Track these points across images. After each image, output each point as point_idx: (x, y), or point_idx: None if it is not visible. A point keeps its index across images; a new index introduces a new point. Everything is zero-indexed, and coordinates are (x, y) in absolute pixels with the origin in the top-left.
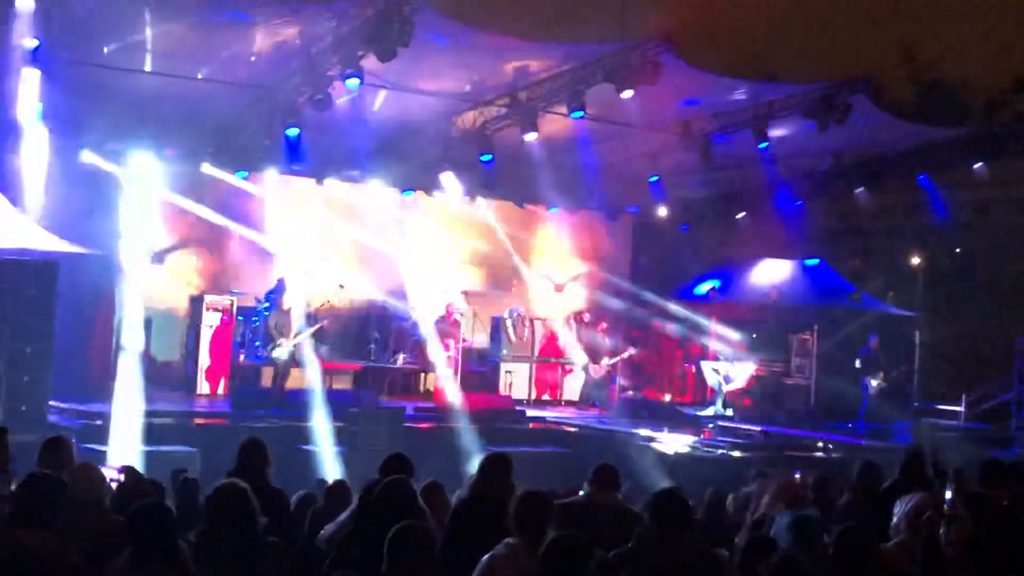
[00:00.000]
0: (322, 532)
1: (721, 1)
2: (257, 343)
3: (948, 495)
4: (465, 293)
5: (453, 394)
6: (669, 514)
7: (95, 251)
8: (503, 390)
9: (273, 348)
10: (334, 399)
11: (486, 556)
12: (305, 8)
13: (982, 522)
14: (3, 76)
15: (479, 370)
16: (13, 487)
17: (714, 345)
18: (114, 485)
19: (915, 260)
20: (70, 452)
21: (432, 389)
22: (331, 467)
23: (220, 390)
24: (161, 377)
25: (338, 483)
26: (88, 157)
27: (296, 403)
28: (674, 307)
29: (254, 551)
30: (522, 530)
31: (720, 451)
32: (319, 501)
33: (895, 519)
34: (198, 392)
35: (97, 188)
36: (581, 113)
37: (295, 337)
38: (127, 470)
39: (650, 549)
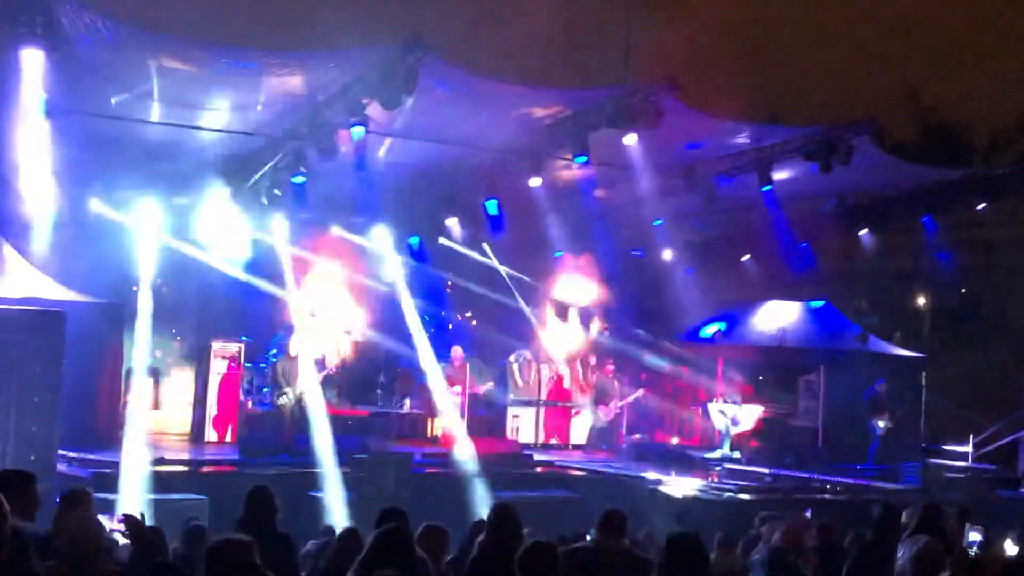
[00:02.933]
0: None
1: (723, 45)
2: (265, 389)
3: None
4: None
5: (460, 439)
6: (686, 559)
7: (102, 300)
8: (510, 434)
9: (280, 395)
10: (341, 445)
11: None
12: (311, 57)
13: None
14: (11, 127)
15: (486, 414)
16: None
17: (721, 388)
18: (116, 534)
19: (921, 301)
20: (90, 503)
21: (439, 434)
22: (339, 513)
23: (228, 437)
24: (169, 425)
25: (349, 531)
26: (96, 206)
27: (304, 449)
28: (680, 350)
29: None
30: None
31: (728, 494)
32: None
33: (900, 562)
34: (206, 439)
35: (105, 237)
36: (585, 158)
37: (302, 384)
38: (127, 519)
39: None
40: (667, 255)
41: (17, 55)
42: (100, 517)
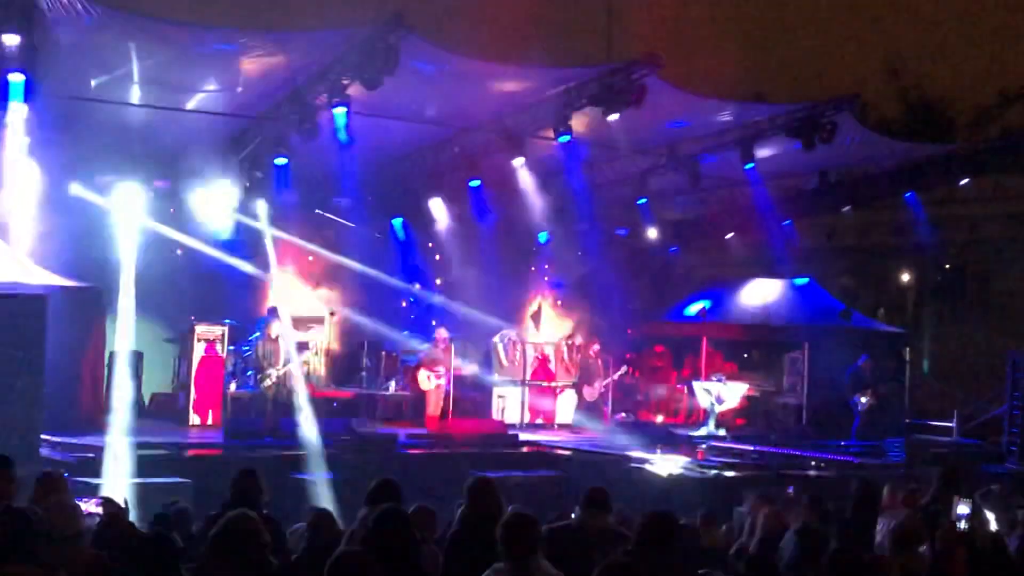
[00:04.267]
0: None
1: (705, 23)
2: (249, 372)
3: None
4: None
5: (445, 420)
6: (654, 537)
7: (85, 284)
8: (495, 415)
9: (263, 378)
10: (326, 427)
11: None
12: (291, 39)
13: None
14: None
15: (471, 395)
16: None
17: (705, 366)
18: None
19: (905, 277)
20: (64, 487)
21: (424, 416)
22: (324, 496)
23: (212, 420)
24: (153, 408)
25: (322, 512)
26: (77, 190)
27: (288, 432)
28: (665, 328)
29: None
30: (509, 554)
31: (713, 471)
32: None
33: (879, 537)
34: (190, 423)
35: (86, 221)
36: (568, 137)
37: (284, 366)
38: (106, 502)
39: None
40: (651, 234)
41: None
42: (79, 502)
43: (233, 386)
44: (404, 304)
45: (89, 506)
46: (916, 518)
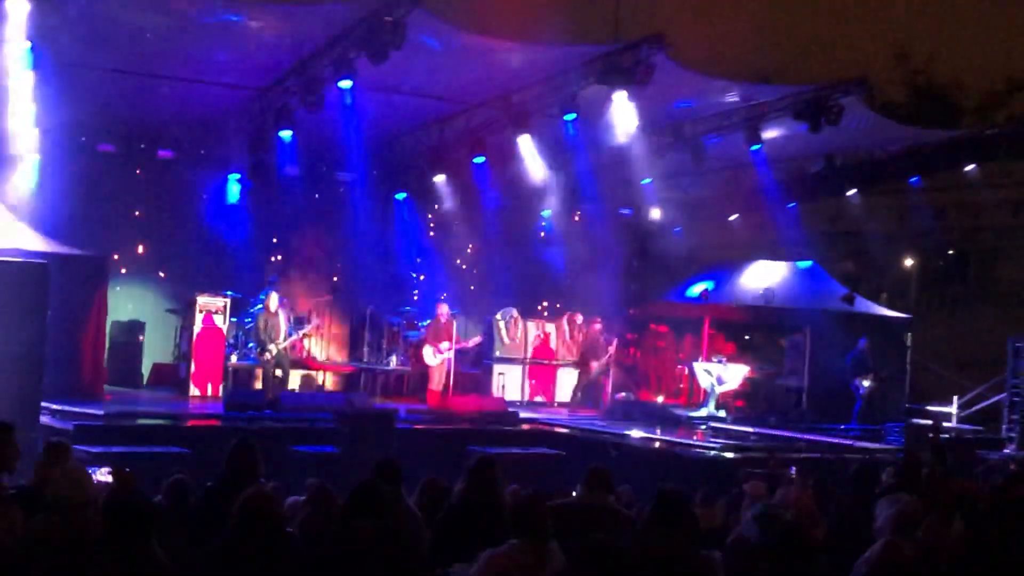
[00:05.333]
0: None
1: (713, 3)
2: (251, 344)
3: None
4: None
5: (446, 396)
6: (670, 512)
7: (87, 252)
8: (496, 392)
9: (263, 351)
10: (326, 401)
11: (486, 552)
12: (297, 11)
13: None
14: None
15: (472, 372)
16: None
17: (706, 347)
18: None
19: (908, 262)
20: (69, 455)
21: (425, 391)
22: (322, 469)
23: (212, 392)
24: (153, 378)
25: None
26: (81, 159)
27: (288, 405)
28: (667, 309)
29: (282, 559)
30: (521, 533)
31: (712, 452)
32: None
33: (878, 521)
34: (191, 394)
35: (90, 190)
36: (574, 115)
37: (285, 340)
38: (116, 471)
39: (647, 544)
40: (655, 214)
41: (1, 5)
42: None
43: (234, 358)
44: (407, 279)
45: (99, 475)
46: (916, 502)
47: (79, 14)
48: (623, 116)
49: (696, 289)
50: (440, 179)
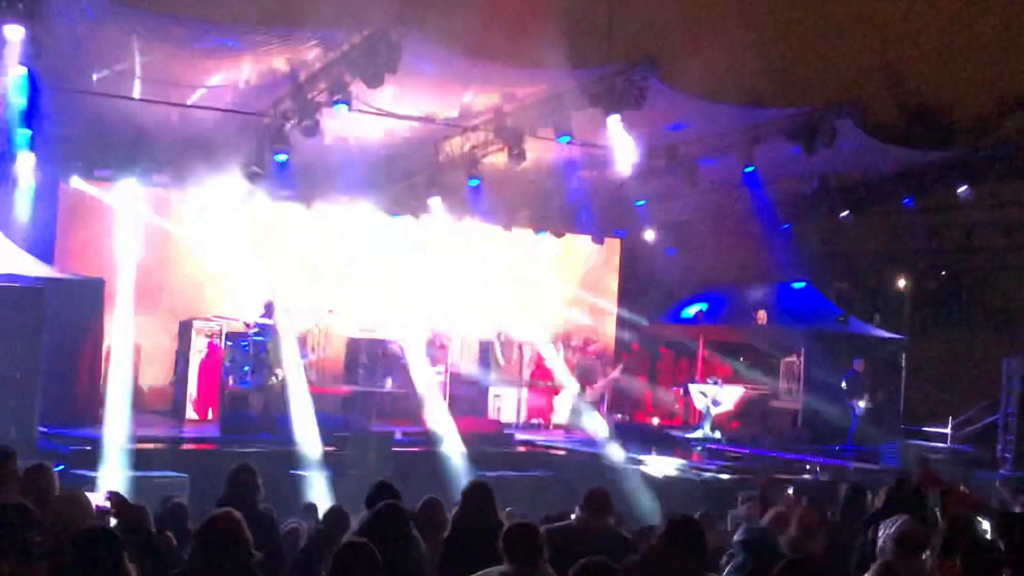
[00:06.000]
0: None
1: (706, 26)
2: (246, 368)
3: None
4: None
5: (442, 418)
6: (684, 540)
7: (83, 276)
8: (492, 414)
9: (271, 375)
10: (323, 424)
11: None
12: (293, 34)
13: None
14: None
15: (468, 394)
16: None
17: (702, 368)
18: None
19: (901, 283)
20: (52, 480)
21: (421, 413)
22: (320, 492)
23: (209, 415)
24: (150, 403)
25: (335, 509)
26: (76, 183)
27: (285, 428)
28: (662, 330)
29: None
30: (513, 557)
31: (708, 474)
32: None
33: (881, 541)
34: (187, 417)
35: (85, 214)
36: (568, 138)
37: (298, 360)
38: (114, 496)
39: (657, 568)
40: (649, 236)
41: None
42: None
43: (231, 381)
44: (403, 301)
45: (97, 499)
46: (917, 522)
47: (74, 39)
48: (617, 139)
49: (691, 310)
50: (435, 200)
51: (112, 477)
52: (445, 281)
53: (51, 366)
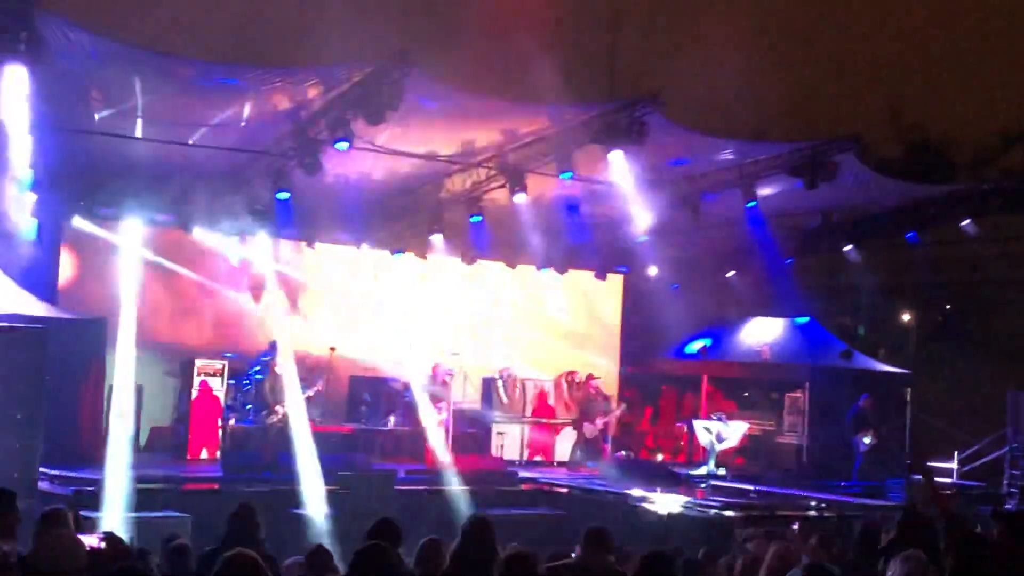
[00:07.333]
0: None
1: (708, 62)
2: (248, 406)
3: None
4: (456, 354)
5: (445, 456)
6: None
7: (85, 316)
8: (495, 451)
9: (269, 414)
10: (326, 462)
11: None
12: (295, 73)
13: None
14: None
15: (471, 432)
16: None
17: (706, 404)
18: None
19: (906, 317)
20: (68, 524)
21: (424, 451)
22: (322, 531)
23: (210, 455)
24: (152, 442)
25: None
26: (79, 223)
27: (287, 467)
28: (665, 366)
29: None
30: None
31: (713, 511)
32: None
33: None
34: (189, 457)
35: (87, 253)
36: (570, 174)
37: (300, 394)
38: (108, 537)
39: None
40: (652, 271)
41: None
42: (80, 536)
43: (232, 420)
44: (405, 338)
45: (91, 540)
46: (927, 564)
47: (77, 80)
48: (619, 174)
49: (695, 346)
50: (438, 238)
51: (114, 518)
52: (448, 318)
53: (53, 406)
